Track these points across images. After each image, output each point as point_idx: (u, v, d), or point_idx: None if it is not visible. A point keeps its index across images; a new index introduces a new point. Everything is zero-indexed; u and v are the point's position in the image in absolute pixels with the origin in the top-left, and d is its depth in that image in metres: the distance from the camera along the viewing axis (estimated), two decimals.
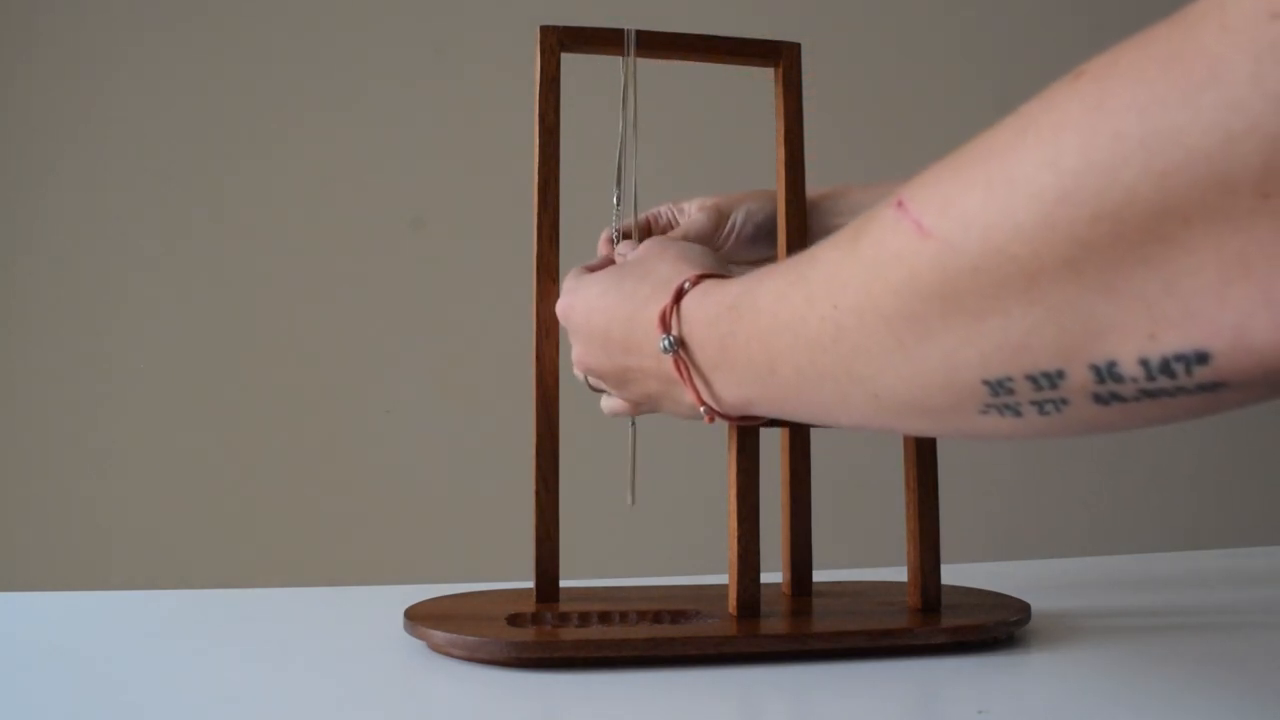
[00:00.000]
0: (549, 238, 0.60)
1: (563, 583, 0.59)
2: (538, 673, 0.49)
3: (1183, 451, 1.66)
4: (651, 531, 1.39)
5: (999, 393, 0.33)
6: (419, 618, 0.54)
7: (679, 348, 0.47)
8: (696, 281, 0.48)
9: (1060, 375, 0.31)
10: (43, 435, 1.49)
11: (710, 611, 0.55)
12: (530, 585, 0.58)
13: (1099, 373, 0.30)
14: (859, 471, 1.35)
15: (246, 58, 1.54)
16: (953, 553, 0.63)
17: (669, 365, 0.49)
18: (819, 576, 0.62)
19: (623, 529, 1.29)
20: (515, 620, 0.54)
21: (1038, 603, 0.61)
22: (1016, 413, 0.34)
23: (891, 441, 0.60)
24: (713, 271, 0.50)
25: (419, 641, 0.53)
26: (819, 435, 0.63)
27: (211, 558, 1.46)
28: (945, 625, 0.53)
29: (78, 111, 1.51)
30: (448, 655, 0.52)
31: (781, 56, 0.63)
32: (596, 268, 0.59)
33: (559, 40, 0.60)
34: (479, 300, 1.52)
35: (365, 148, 1.54)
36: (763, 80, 0.65)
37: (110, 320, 1.50)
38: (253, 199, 1.53)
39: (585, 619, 0.55)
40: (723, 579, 0.61)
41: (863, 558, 0.78)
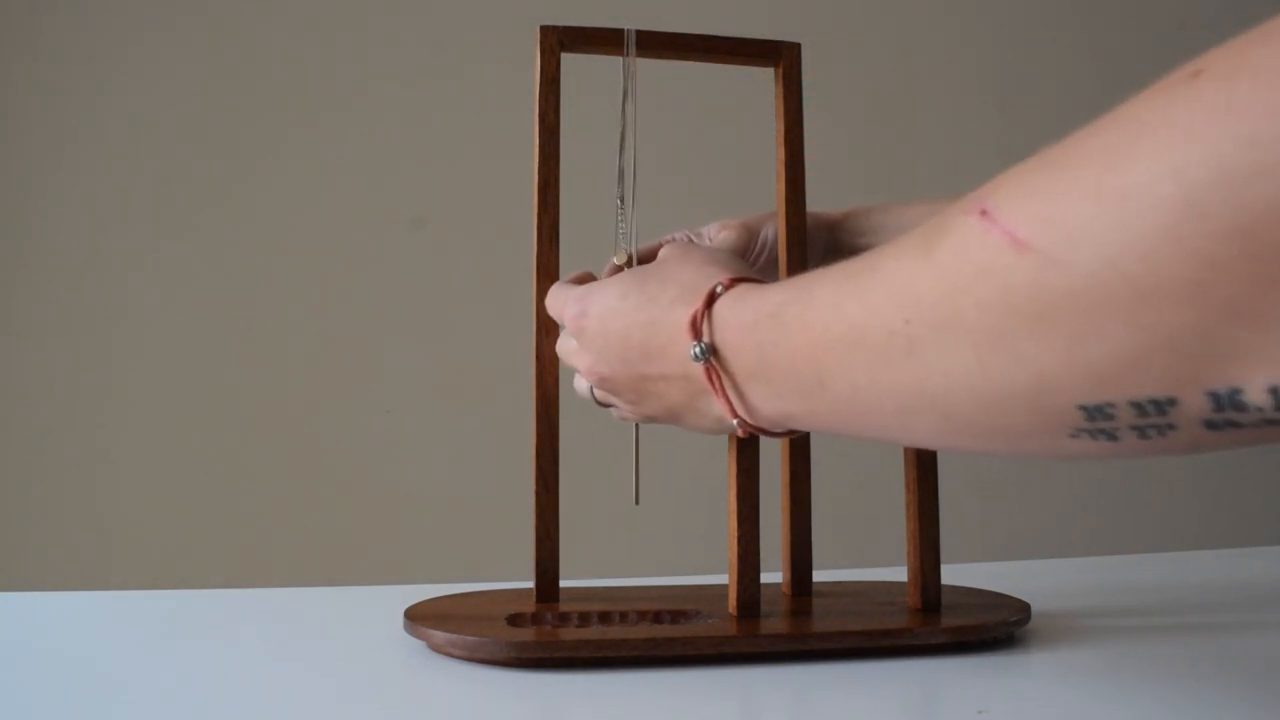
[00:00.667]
0: (549, 238, 0.59)
1: (563, 583, 0.59)
2: (538, 673, 0.49)
3: None
4: (651, 531, 1.39)
5: (1096, 418, 0.30)
6: (419, 618, 0.54)
7: (710, 355, 0.45)
8: (730, 285, 0.46)
9: (1171, 402, 0.29)
10: (43, 435, 1.49)
11: (710, 611, 0.55)
12: (530, 585, 0.58)
13: (1218, 400, 0.28)
14: (859, 471, 1.35)
15: (247, 58, 1.54)
16: (953, 553, 0.62)
17: (698, 374, 0.46)
18: (819, 576, 0.62)
19: (623, 529, 1.29)
20: (515, 620, 0.54)
21: (1038, 603, 0.61)
22: (1113, 437, 0.31)
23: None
24: (746, 276, 0.47)
25: (419, 641, 0.53)
26: (819, 436, 0.63)
27: (211, 558, 1.46)
28: (945, 625, 0.53)
29: (78, 111, 1.51)
30: (448, 655, 0.52)
31: (781, 56, 0.63)
32: (581, 279, 0.57)
33: (559, 40, 0.60)
34: (479, 300, 1.52)
35: (365, 148, 1.54)
36: (763, 80, 0.65)
37: (110, 320, 1.50)
38: (253, 199, 1.53)
39: (585, 619, 0.55)
40: (723, 579, 0.61)
41: (863, 558, 0.78)
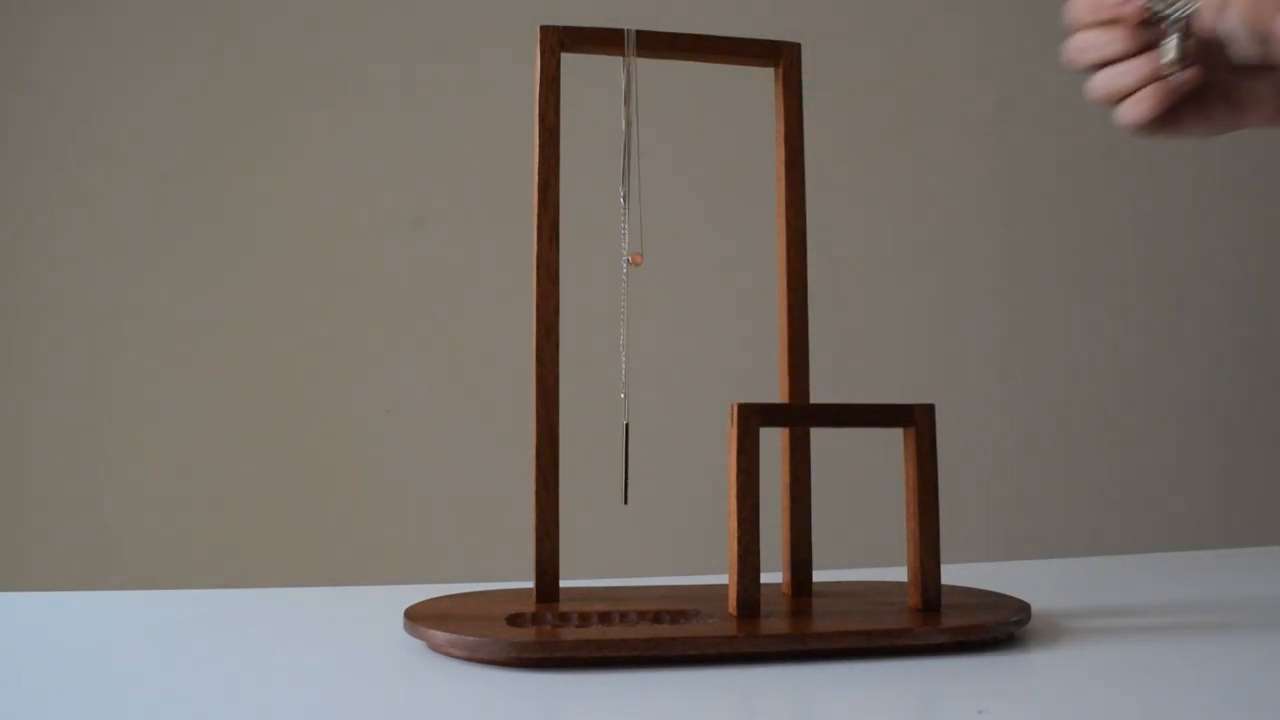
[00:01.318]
0: (549, 238, 0.60)
1: (563, 583, 0.59)
2: (538, 673, 0.49)
3: (1183, 451, 1.66)
4: (651, 531, 1.39)
5: None
6: (419, 618, 0.54)
7: None
8: None
9: None
10: (43, 435, 1.49)
11: (710, 611, 0.55)
12: (530, 585, 0.58)
13: None
14: (859, 471, 1.35)
15: (246, 57, 1.54)
16: (953, 553, 0.63)
17: None
18: (819, 576, 0.62)
19: (623, 529, 1.29)
20: (515, 620, 0.54)
21: (1038, 603, 0.61)
22: None
23: (892, 441, 0.60)
24: None
25: (419, 641, 0.53)
26: (819, 436, 0.63)
27: (211, 558, 1.46)
28: (945, 625, 0.53)
29: (78, 110, 1.51)
30: (448, 655, 0.52)
31: (781, 56, 0.63)
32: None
33: (559, 40, 0.60)
34: (479, 300, 1.52)
35: (365, 148, 1.54)
36: (763, 80, 0.65)
37: (110, 319, 1.50)
38: (253, 198, 1.53)
39: (585, 619, 0.55)
40: (723, 579, 0.61)
41: (863, 558, 0.78)
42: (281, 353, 1.52)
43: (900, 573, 0.61)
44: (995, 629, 0.53)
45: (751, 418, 0.54)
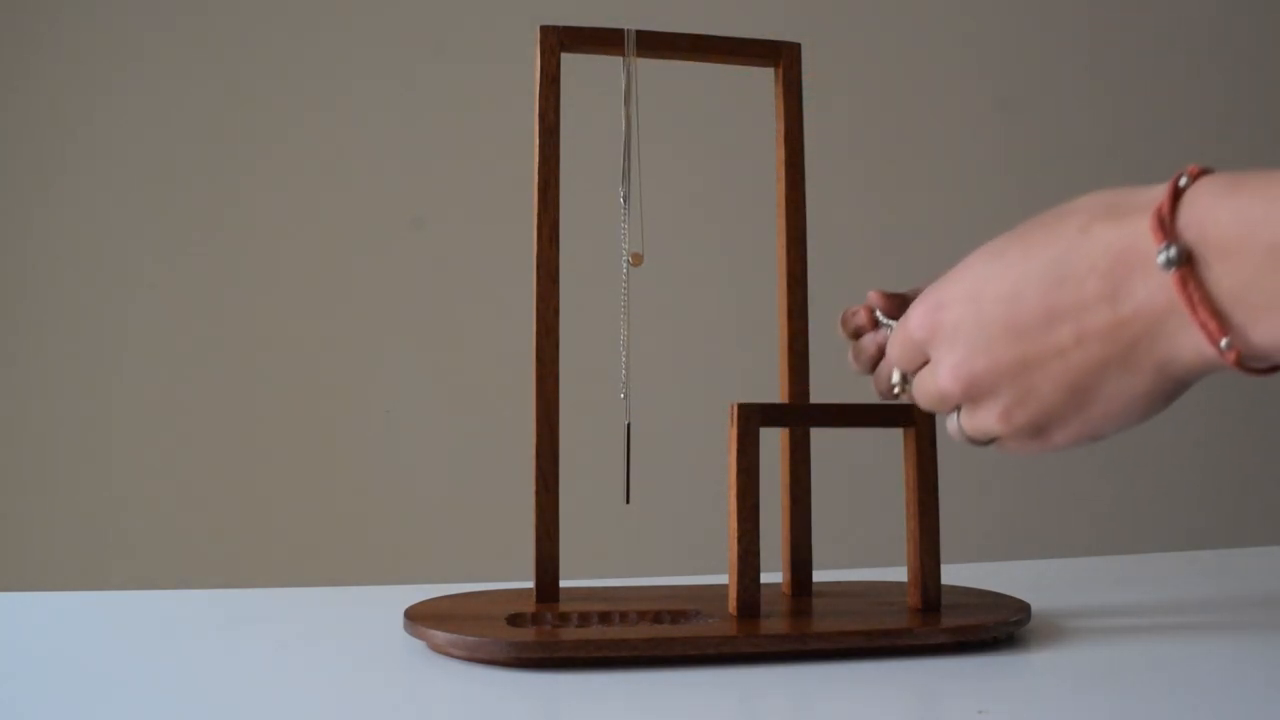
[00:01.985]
0: (549, 238, 0.60)
1: (563, 583, 0.59)
2: (538, 673, 0.49)
3: (1183, 451, 1.66)
4: (651, 531, 1.39)
5: None
6: (419, 618, 0.54)
7: (1185, 262, 0.35)
8: (1198, 175, 0.36)
9: None
10: (44, 436, 1.49)
11: (710, 611, 0.55)
12: (530, 585, 0.58)
13: None
14: (859, 471, 1.35)
15: (247, 58, 1.54)
16: (953, 553, 0.63)
17: (1146, 303, 0.37)
18: (819, 576, 0.62)
19: (623, 529, 1.29)
20: (515, 620, 0.54)
21: (1038, 603, 0.61)
22: None
23: (892, 442, 0.60)
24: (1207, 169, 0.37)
25: (419, 641, 0.53)
26: (819, 436, 0.63)
27: (211, 558, 1.46)
28: (945, 625, 0.53)
29: (78, 110, 1.51)
30: (448, 655, 0.52)
31: (781, 56, 0.63)
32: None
33: (559, 40, 0.60)
34: (479, 300, 1.52)
35: (365, 148, 1.54)
36: (763, 80, 0.65)
37: (110, 320, 1.50)
38: (253, 199, 1.53)
39: (585, 619, 0.55)
40: (723, 579, 0.61)
41: (863, 558, 0.78)
42: (282, 352, 1.52)
43: (900, 573, 0.61)
44: (995, 629, 0.53)
45: (751, 418, 0.54)
